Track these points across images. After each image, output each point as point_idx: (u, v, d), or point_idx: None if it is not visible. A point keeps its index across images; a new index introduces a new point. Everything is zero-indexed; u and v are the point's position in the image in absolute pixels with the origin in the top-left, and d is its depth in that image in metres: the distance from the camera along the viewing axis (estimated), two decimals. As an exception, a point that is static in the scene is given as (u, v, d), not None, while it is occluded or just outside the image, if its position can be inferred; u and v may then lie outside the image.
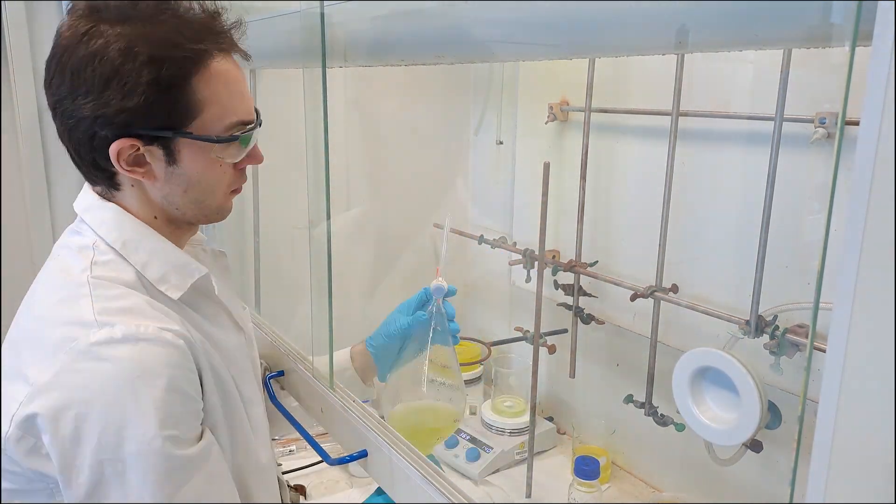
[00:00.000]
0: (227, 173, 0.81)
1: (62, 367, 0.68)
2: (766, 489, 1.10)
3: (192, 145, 0.75)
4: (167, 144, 0.74)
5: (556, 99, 1.42)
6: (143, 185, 0.78)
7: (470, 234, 1.56)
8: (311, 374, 1.05)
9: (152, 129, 0.73)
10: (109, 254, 0.77)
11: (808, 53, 0.90)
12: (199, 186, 0.79)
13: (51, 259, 0.82)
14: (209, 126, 0.75)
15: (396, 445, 0.86)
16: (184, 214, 0.81)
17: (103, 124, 0.71)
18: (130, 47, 0.69)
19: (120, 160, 0.73)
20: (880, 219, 0.39)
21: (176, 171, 0.77)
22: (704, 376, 1.00)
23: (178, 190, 0.78)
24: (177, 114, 0.73)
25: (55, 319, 0.72)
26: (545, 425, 1.46)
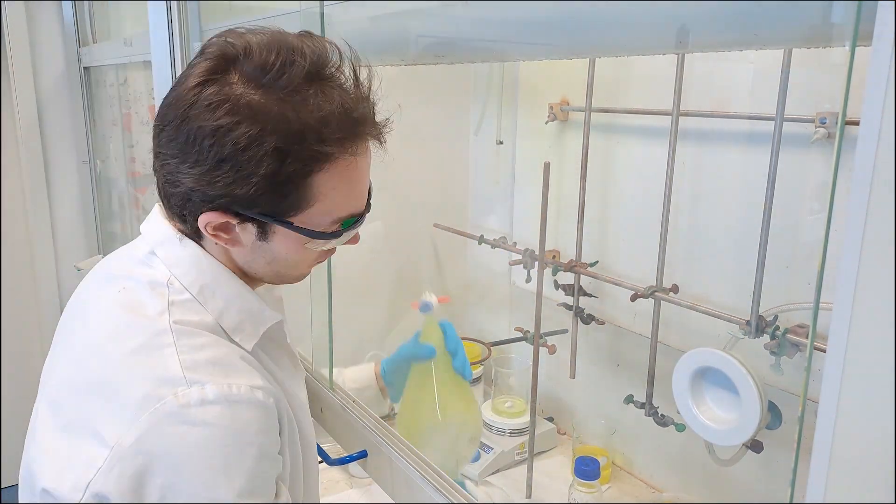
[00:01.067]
0: (315, 255, 0.76)
1: (147, 430, 0.61)
2: (766, 489, 1.10)
3: (288, 232, 0.69)
4: (263, 225, 0.69)
5: (556, 99, 1.42)
6: (227, 246, 0.72)
7: (470, 234, 1.56)
8: (311, 374, 1.05)
9: (253, 213, 0.67)
10: (185, 293, 0.70)
11: (809, 53, 0.90)
12: (284, 263, 0.74)
13: (111, 286, 0.73)
14: (314, 220, 0.69)
15: (396, 445, 0.86)
16: (262, 278, 0.77)
17: (203, 198, 0.66)
18: (258, 134, 0.62)
19: (208, 227, 0.68)
20: (880, 219, 0.39)
21: (264, 247, 0.71)
22: (704, 376, 1.00)
23: (261, 261, 0.73)
24: (284, 206, 0.67)
25: (135, 372, 0.65)
26: (545, 426, 1.46)
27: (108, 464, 0.61)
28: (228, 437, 0.63)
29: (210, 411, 0.62)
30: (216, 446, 0.63)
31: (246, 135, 0.62)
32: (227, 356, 0.68)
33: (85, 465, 0.62)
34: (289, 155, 0.63)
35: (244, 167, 0.62)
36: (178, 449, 0.62)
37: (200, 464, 0.62)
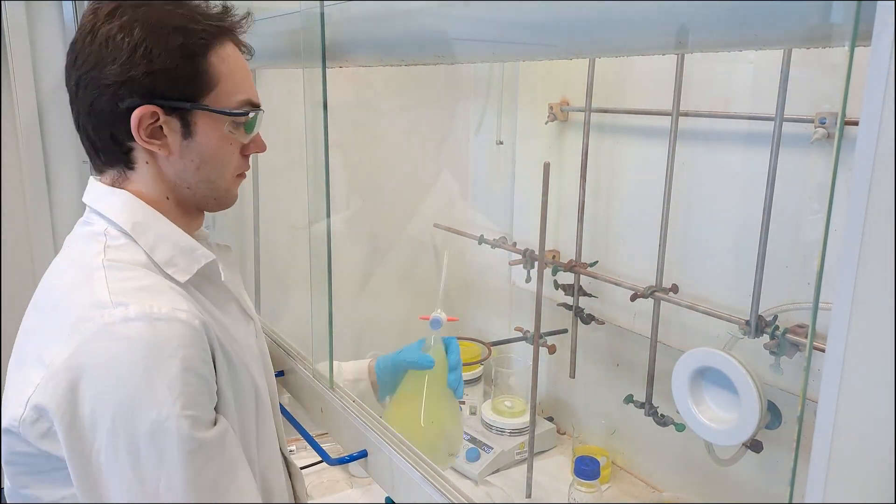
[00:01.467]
0: (235, 155, 0.84)
1: (76, 348, 0.68)
2: (765, 489, 1.10)
3: (206, 118, 0.79)
4: (184, 116, 0.78)
5: (556, 99, 1.42)
6: (157, 162, 0.80)
7: (470, 234, 1.56)
8: (311, 374, 1.05)
9: (173, 99, 0.76)
10: (122, 238, 0.78)
11: (808, 53, 0.90)
12: (210, 164, 0.81)
13: (61, 253, 0.83)
14: (223, 101, 0.79)
15: (396, 445, 0.86)
16: (194, 195, 0.83)
17: (128, 90, 0.75)
18: (158, 20, 0.75)
19: (140, 129, 0.76)
20: (880, 219, 0.39)
21: (190, 145, 0.79)
22: (704, 376, 1.00)
23: (191, 166, 0.81)
24: (195, 84, 0.77)
25: (70, 303, 0.72)
26: (545, 425, 1.46)
27: (45, 380, 0.68)
28: (149, 350, 0.69)
29: (132, 327, 0.68)
30: (137, 358, 0.68)
31: (147, 23, 0.75)
32: (154, 284, 0.74)
33: (27, 383, 0.69)
34: (187, 32, 0.76)
35: (155, 46, 0.74)
36: (104, 361, 0.68)
37: (124, 374, 0.68)
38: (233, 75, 0.80)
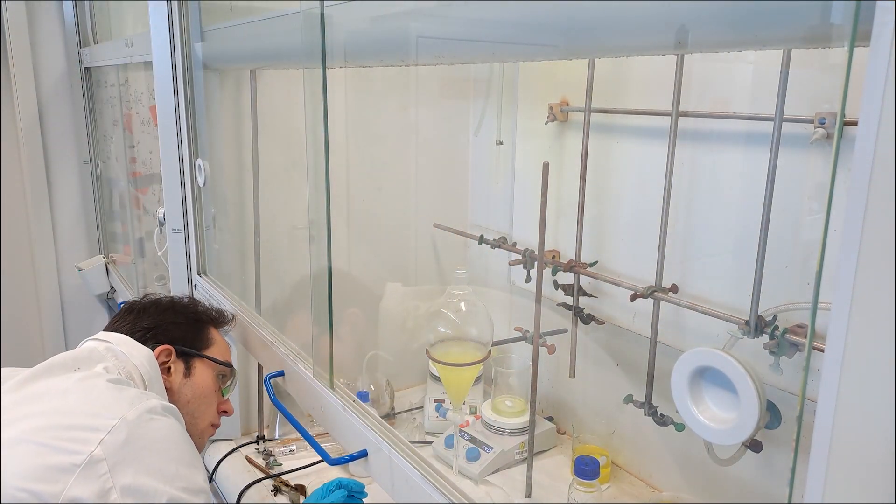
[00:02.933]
0: (213, 407, 1.15)
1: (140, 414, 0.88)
2: (765, 489, 1.10)
3: (203, 365, 1.15)
4: (188, 361, 1.13)
5: (555, 99, 1.42)
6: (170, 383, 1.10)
7: (470, 234, 1.56)
8: (311, 374, 1.06)
9: (183, 346, 1.13)
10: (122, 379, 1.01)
11: (808, 53, 0.90)
12: (194, 403, 1.11)
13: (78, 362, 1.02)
14: (215, 356, 1.17)
15: (396, 445, 0.87)
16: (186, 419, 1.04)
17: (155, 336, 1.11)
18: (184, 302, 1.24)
19: (159, 357, 1.09)
20: (879, 219, 0.39)
21: (187, 384, 1.12)
22: (703, 376, 1.00)
23: (183, 400, 1.10)
24: (200, 342, 1.17)
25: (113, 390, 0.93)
26: (545, 425, 1.46)
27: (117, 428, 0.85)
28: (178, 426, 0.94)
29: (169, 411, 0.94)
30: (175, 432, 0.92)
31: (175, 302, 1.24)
32: None
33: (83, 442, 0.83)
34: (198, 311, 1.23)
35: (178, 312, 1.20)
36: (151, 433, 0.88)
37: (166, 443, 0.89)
38: (221, 345, 1.20)
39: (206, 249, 1.52)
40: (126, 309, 1.19)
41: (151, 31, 1.42)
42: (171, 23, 1.37)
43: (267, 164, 1.49)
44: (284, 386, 1.15)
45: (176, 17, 1.36)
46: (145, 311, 1.16)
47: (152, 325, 1.12)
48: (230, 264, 1.58)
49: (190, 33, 1.38)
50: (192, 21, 1.37)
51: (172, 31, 1.37)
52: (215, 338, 1.19)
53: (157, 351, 1.08)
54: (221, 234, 1.56)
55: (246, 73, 1.47)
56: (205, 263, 1.53)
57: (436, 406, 1.53)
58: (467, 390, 1.19)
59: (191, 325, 1.17)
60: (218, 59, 1.41)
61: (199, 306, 1.24)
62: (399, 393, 1.64)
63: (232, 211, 1.57)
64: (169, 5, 1.37)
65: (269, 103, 1.47)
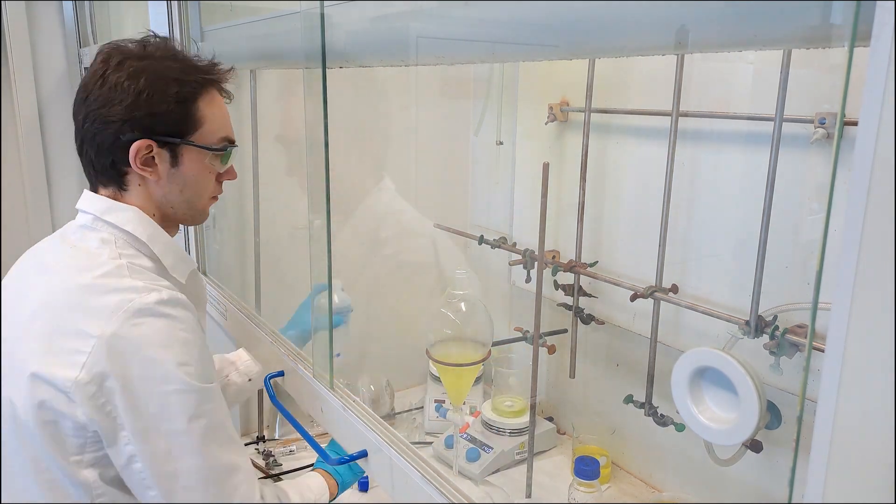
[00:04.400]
0: (212, 182, 1.02)
1: (124, 321, 0.84)
2: (765, 489, 1.10)
3: (191, 151, 0.97)
4: (173, 149, 0.96)
5: (555, 99, 1.42)
6: (147, 185, 0.97)
7: (470, 234, 1.56)
8: (311, 374, 1.06)
9: (166, 136, 0.94)
10: (129, 248, 0.95)
11: (808, 53, 0.90)
12: (191, 188, 0.99)
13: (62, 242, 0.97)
14: (206, 138, 0.98)
15: (396, 445, 0.87)
16: (175, 213, 1.01)
17: (130, 126, 0.92)
18: (159, 72, 0.93)
19: (136, 158, 0.93)
20: (879, 219, 0.39)
21: (176, 173, 0.97)
22: (704, 376, 1.00)
23: (175, 189, 0.98)
24: (185, 124, 0.96)
25: (106, 289, 0.87)
26: (545, 425, 1.46)
27: (95, 349, 0.83)
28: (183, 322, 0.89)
29: (167, 304, 0.88)
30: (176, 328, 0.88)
31: (152, 73, 0.93)
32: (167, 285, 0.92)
33: (73, 353, 0.84)
34: (181, 82, 0.94)
35: (156, 93, 0.92)
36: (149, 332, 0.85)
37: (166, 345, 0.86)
38: (215, 118, 0.99)
39: (205, 249, 1.52)
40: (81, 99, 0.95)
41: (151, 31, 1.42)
42: (171, 23, 1.37)
43: (267, 164, 1.49)
44: (284, 386, 1.14)
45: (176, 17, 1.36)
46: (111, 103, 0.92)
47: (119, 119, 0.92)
48: (230, 264, 1.58)
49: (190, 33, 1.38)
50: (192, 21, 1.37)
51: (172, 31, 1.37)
52: (205, 112, 0.97)
53: (133, 149, 0.92)
54: (221, 234, 1.56)
55: (246, 73, 1.47)
56: (205, 263, 1.53)
57: (436, 406, 1.53)
58: (467, 390, 1.19)
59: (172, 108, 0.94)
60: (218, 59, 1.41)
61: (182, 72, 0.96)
62: (399, 393, 1.64)
63: (232, 211, 1.57)
64: (169, 5, 1.37)
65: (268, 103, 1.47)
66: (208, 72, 0.99)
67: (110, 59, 0.93)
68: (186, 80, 0.95)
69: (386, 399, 1.56)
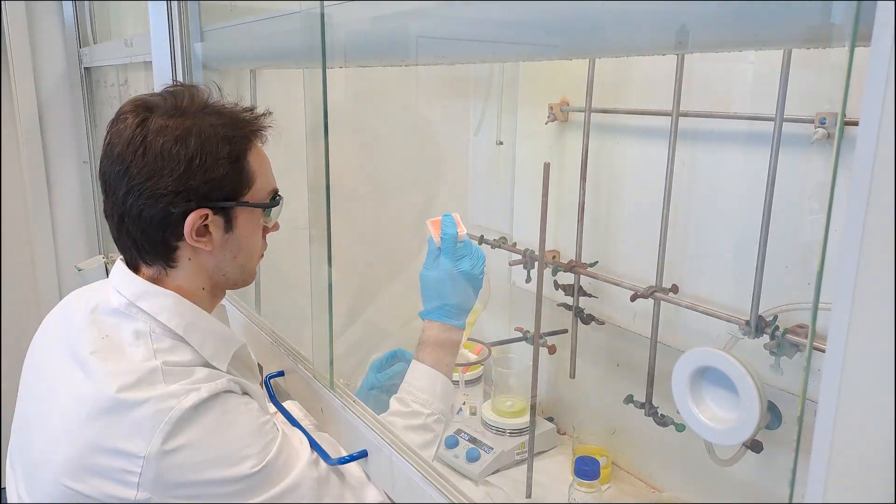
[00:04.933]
0: (260, 240, 0.95)
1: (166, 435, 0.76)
2: (766, 489, 1.10)
3: (245, 212, 0.89)
4: (228, 214, 0.87)
5: (556, 99, 1.42)
6: (198, 257, 0.88)
7: (470, 234, 1.56)
8: (311, 374, 1.05)
9: (221, 200, 0.85)
10: (167, 340, 0.85)
11: (808, 54, 0.90)
12: (245, 251, 0.91)
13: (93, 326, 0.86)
14: (258, 195, 0.89)
15: (396, 445, 0.87)
16: (227, 279, 0.93)
17: (184, 198, 0.82)
18: (208, 132, 0.83)
19: (192, 231, 0.84)
20: (880, 219, 0.39)
21: (230, 239, 0.89)
22: (704, 376, 1.00)
23: (229, 256, 0.90)
24: (239, 184, 0.87)
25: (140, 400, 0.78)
26: (545, 425, 1.46)
27: (145, 471, 0.76)
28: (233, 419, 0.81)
29: (210, 406, 0.80)
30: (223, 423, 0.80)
31: (201, 135, 0.83)
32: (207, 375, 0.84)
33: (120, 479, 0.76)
34: (231, 139, 0.85)
35: (209, 156, 0.82)
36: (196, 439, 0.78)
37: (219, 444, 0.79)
38: (263, 172, 0.90)
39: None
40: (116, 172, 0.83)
41: (151, 31, 1.42)
42: (171, 23, 1.37)
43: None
44: (284, 386, 1.14)
45: (176, 17, 1.36)
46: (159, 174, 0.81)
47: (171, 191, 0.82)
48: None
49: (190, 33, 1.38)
50: (191, 21, 1.37)
51: (172, 31, 1.37)
52: (254, 166, 0.88)
53: (189, 221, 0.83)
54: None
55: (246, 73, 1.47)
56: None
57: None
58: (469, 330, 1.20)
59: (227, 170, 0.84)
60: (218, 59, 1.41)
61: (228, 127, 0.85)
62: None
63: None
64: (169, 5, 1.37)
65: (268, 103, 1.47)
66: (252, 123, 0.89)
67: (146, 122, 0.82)
68: (235, 136, 0.85)
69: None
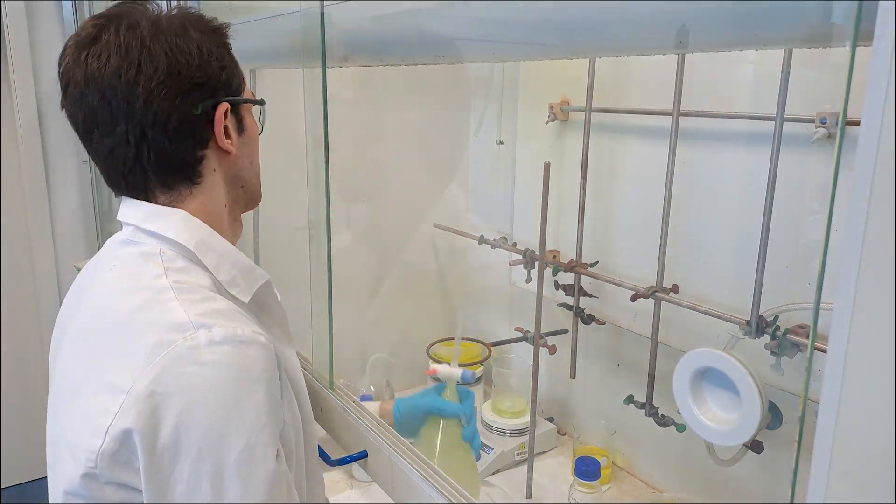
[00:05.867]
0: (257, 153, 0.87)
1: (161, 372, 0.64)
2: (766, 490, 1.10)
3: (246, 110, 0.83)
4: (238, 112, 0.81)
5: (556, 99, 1.42)
6: (221, 167, 0.80)
7: (470, 234, 1.56)
8: (311, 374, 1.05)
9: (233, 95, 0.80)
10: (180, 260, 0.75)
11: (809, 53, 0.90)
12: (256, 154, 0.85)
13: (101, 272, 0.78)
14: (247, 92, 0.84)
15: (396, 446, 0.86)
16: (246, 192, 0.85)
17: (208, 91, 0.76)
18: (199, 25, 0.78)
19: (222, 127, 0.78)
20: (881, 219, 0.39)
21: (245, 141, 0.82)
22: (705, 377, 1.00)
23: (247, 162, 0.83)
24: (239, 78, 0.82)
25: (144, 324, 0.68)
26: (545, 426, 1.46)
27: (125, 407, 0.64)
28: (238, 375, 0.66)
29: (218, 351, 0.66)
30: (227, 385, 0.66)
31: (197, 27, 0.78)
32: (227, 308, 0.71)
33: (102, 412, 0.65)
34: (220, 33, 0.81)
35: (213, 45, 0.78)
36: (191, 388, 0.65)
37: (213, 402, 0.65)
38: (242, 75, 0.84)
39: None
40: None
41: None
42: (171, 23, 1.37)
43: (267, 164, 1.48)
44: (284, 386, 1.14)
45: (176, 16, 1.36)
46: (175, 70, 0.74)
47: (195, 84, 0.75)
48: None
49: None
50: (191, 21, 1.37)
51: (172, 30, 1.37)
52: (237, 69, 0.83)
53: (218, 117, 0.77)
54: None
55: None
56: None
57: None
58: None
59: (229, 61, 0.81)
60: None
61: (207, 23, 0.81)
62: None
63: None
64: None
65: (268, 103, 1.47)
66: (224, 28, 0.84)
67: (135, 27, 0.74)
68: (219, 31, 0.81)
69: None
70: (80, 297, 0.81)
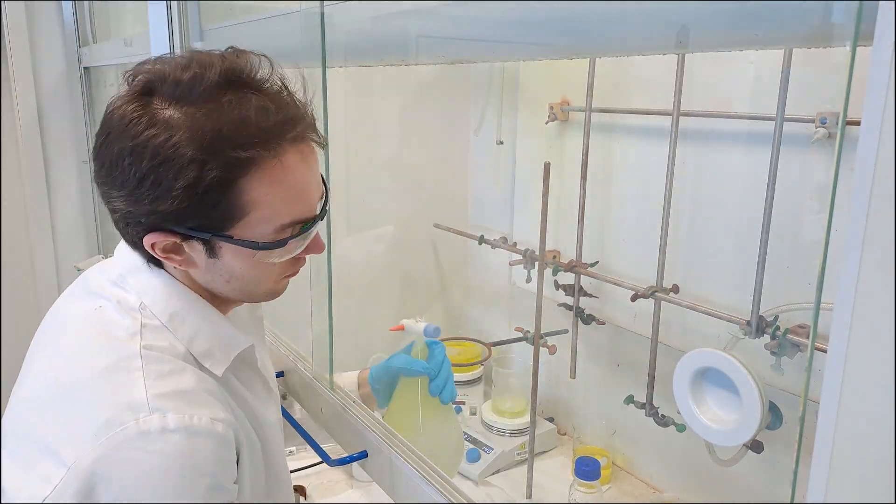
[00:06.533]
0: (275, 270, 0.74)
1: (105, 453, 0.62)
2: (766, 490, 1.10)
3: (233, 246, 0.69)
4: (207, 241, 0.68)
5: (556, 99, 1.42)
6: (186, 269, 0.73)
7: (470, 234, 1.56)
8: (311, 374, 1.05)
9: (188, 230, 0.67)
10: (156, 319, 0.72)
11: (809, 53, 0.90)
12: (243, 280, 0.73)
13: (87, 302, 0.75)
14: (255, 228, 0.68)
15: (396, 446, 0.86)
16: (228, 297, 0.77)
17: (136, 220, 0.67)
18: (173, 145, 0.62)
19: (156, 249, 0.69)
20: (881, 219, 0.39)
21: (218, 265, 0.71)
22: (705, 377, 1.00)
23: (220, 280, 0.73)
24: (216, 218, 0.66)
25: (101, 394, 0.66)
26: (545, 426, 1.46)
27: (64, 483, 0.62)
28: (183, 468, 0.64)
29: (169, 440, 0.64)
30: (169, 476, 0.64)
31: (162, 147, 0.62)
32: (193, 387, 0.69)
33: (42, 482, 0.63)
34: (206, 164, 0.62)
35: (163, 181, 0.62)
36: (132, 475, 0.63)
37: (151, 491, 0.63)
38: (271, 200, 0.66)
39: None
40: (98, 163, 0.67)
41: (151, 31, 1.42)
42: (171, 23, 1.37)
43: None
44: (284, 386, 1.14)
45: (175, 16, 1.36)
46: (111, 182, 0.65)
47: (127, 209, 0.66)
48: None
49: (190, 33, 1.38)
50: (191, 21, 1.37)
51: (172, 30, 1.37)
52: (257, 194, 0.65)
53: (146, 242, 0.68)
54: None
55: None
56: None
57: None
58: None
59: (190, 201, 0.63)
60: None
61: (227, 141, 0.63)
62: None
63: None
64: (168, 5, 1.36)
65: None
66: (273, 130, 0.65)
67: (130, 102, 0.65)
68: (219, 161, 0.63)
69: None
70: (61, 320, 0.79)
